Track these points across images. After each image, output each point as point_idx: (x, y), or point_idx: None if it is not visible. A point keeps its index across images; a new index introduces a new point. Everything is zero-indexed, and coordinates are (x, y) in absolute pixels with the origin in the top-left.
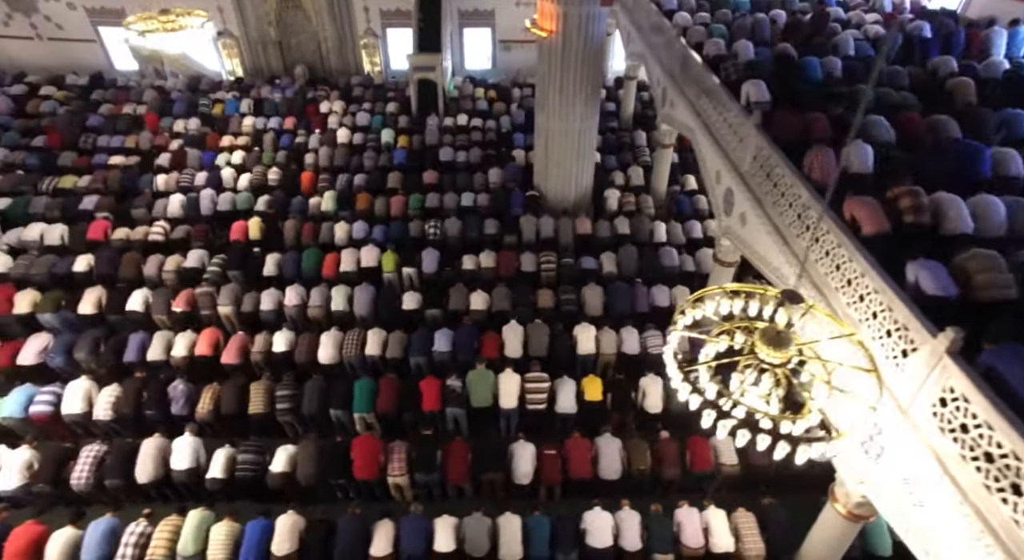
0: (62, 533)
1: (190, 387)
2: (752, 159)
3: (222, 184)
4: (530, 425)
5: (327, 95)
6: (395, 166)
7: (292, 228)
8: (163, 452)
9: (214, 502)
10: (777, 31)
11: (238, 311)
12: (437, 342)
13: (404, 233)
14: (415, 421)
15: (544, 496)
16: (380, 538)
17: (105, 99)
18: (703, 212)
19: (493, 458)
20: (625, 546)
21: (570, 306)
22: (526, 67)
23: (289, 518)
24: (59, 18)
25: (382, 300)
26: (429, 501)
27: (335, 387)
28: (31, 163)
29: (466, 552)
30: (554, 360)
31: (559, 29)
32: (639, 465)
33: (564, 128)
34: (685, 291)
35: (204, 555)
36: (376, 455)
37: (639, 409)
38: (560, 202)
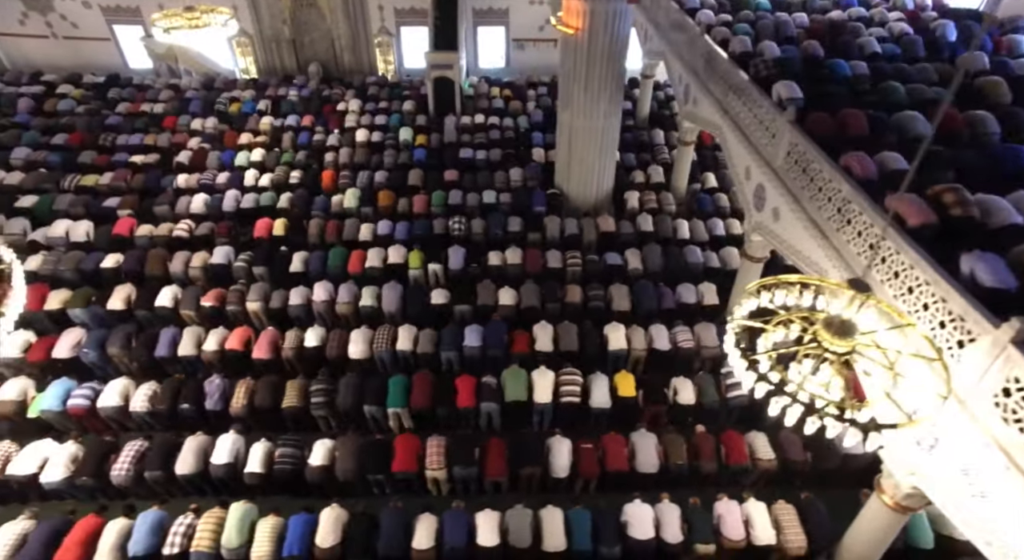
0: (115, 523)
1: (226, 382)
2: (786, 155)
3: (243, 182)
4: (563, 420)
5: (343, 94)
6: (415, 164)
7: (316, 225)
8: (205, 448)
9: (254, 496)
10: (801, 31)
11: (266, 307)
12: (468, 338)
13: (428, 230)
14: (448, 417)
15: (579, 490)
16: (422, 531)
17: (122, 98)
18: (724, 210)
19: (531, 453)
20: (666, 538)
21: (598, 302)
22: (540, 66)
23: (332, 511)
24: (74, 17)
25: (410, 296)
26: (465, 495)
27: (369, 383)
28: (53, 161)
29: (510, 544)
30: (585, 356)
31: (585, 26)
32: (676, 459)
33: (588, 125)
34: (712, 288)
35: (248, 548)
36: (415, 449)
37: (671, 404)
38: (582, 200)
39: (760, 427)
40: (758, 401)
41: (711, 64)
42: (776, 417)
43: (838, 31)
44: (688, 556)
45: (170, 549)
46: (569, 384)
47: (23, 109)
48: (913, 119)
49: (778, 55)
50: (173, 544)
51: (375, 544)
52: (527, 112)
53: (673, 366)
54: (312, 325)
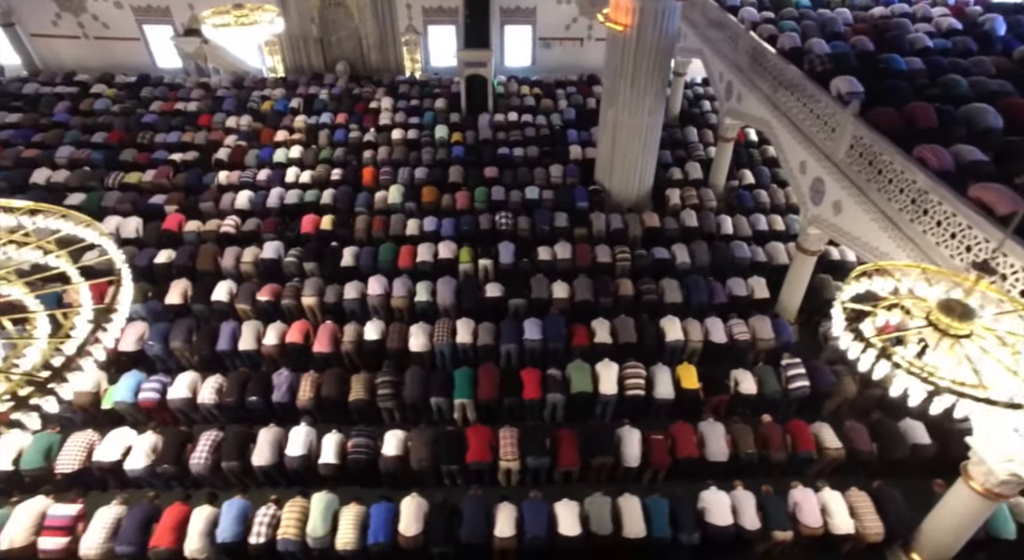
0: (202, 510)
1: (293, 375)
2: (849, 148)
3: (284, 179)
4: (626, 412)
5: (373, 92)
6: (453, 161)
7: (363, 221)
8: (278, 439)
9: (326, 487)
10: (848, 27)
11: (321, 302)
12: (528, 331)
13: (475, 226)
14: (513, 408)
15: (647, 480)
16: (503, 520)
17: (155, 97)
18: (764, 206)
19: (602, 443)
20: (744, 524)
21: (651, 295)
22: (566, 65)
23: (413, 501)
24: (106, 17)
25: (464, 290)
26: (534, 485)
27: (435, 375)
28: (96, 159)
29: (591, 532)
30: (643, 349)
31: (634, 23)
32: (746, 448)
33: (633, 122)
34: (761, 281)
35: (332, 536)
36: (488, 440)
37: (733, 395)
38: (624, 196)
39: (821, 417)
40: (819, 392)
41: (758, 60)
42: (839, 407)
43: (886, 27)
44: (765, 543)
45: (256, 539)
46: (634, 377)
47: (61, 109)
48: (983, 111)
49: (829, 51)
50: (259, 533)
51: (457, 532)
52: (559, 110)
53: (728, 358)
54: (366, 319)
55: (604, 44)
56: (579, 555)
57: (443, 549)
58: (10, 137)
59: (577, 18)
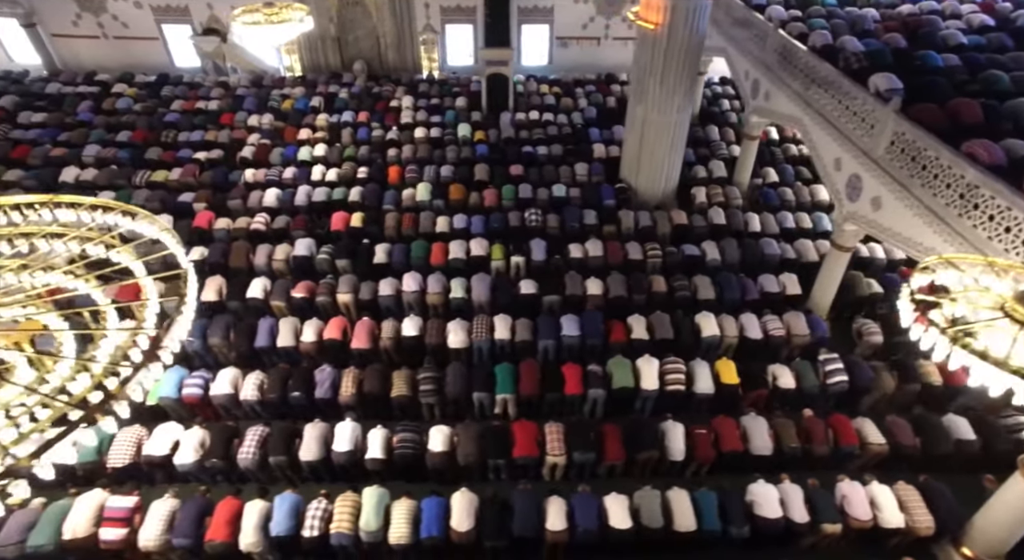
0: (255, 504)
1: (335, 372)
2: (889, 144)
3: (311, 177)
4: (666, 407)
5: (393, 91)
6: (478, 159)
7: (393, 219)
8: (324, 435)
9: (378, 482)
10: (878, 25)
11: (356, 298)
12: (566, 327)
13: (504, 223)
14: (553, 403)
15: (690, 474)
16: (554, 514)
17: (175, 96)
18: (790, 203)
19: (647, 437)
20: (793, 517)
21: (684, 291)
22: (583, 64)
23: (464, 495)
24: (125, 17)
25: (499, 287)
26: (579, 479)
27: (476, 370)
28: (122, 157)
29: (642, 525)
30: (680, 344)
31: (665, 21)
32: (789, 442)
33: (661, 120)
34: (793, 278)
35: (385, 530)
36: (534, 436)
37: (772, 389)
38: (650, 194)
39: (858, 412)
40: (857, 387)
41: (788, 58)
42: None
43: (916, 24)
44: (813, 536)
45: (310, 532)
46: (674, 372)
47: (84, 109)
48: None
49: (861, 49)
50: (313, 527)
51: (508, 526)
52: (579, 108)
53: (763, 354)
54: (400, 316)
55: (620, 43)
56: (629, 548)
57: (495, 543)
58: (37, 136)
59: (594, 17)
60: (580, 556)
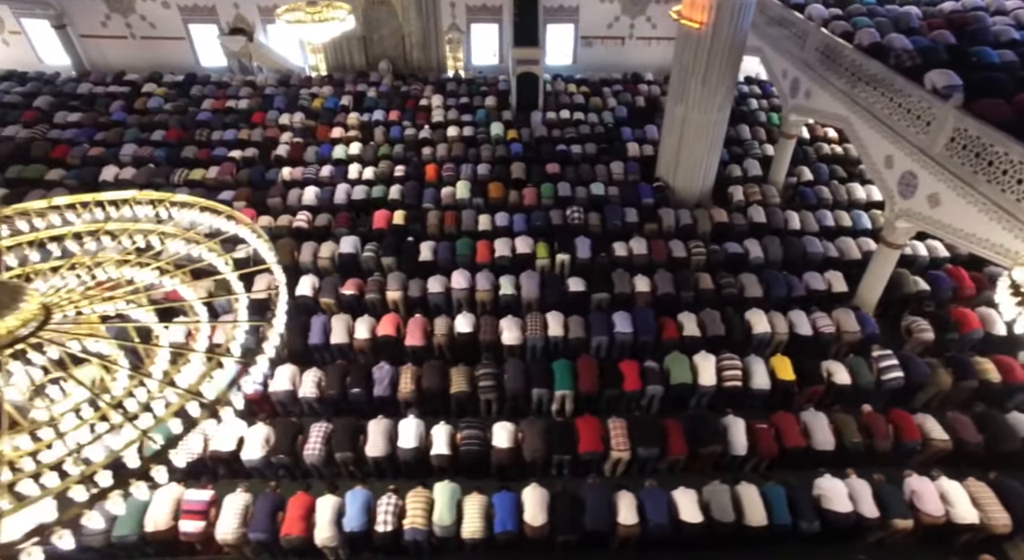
0: (327, 500)
1: (394, 368)
2: (949, 141)
3: (348, 175)
4: (721, 403)
5: (421, 89)
6: (513, 157)
7: (435, 217)
8: (389, 431)
9: (449, 477)
10: (923, 22)
11: (406, 296)
12: (618, 324)
13: (547, 222)
14: (610, 400)
15: (749, 468)
16: (625, 508)
17: (204, 95)
18: (827, 201)
19: (710, 432)
20: (863, 512)
21: (730, 289)
22: (607, 63)
23: (534, 490)
24: (153, 17)
25: (548, 284)
26: (640, 474)
27: (535, 367)
28: (159, 156)
29: (714, 520)
30: (730, 341)
31: (710, 20)
32: (851, 437)
33: (702, 119)
34: (839, 275)
35: (458, 525)
36: (598, 431)
37: (827, 385)
38: (688, 192)
39: (912, 408)
40: (913, 383)
41: (832, 57)
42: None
43: (963, 21)
44: (883, 531)
45: (383, 527)
46: (731, 368)
47: (116, 108)
48: None
49: (911, 46)
50: (386, 522)
51: (580, 520)
52: (609, 108)
53: (812, 350)
54: (449, 312)
55: (644, 43)
56: (699, 542)
57: (568, 537)
58: (74, 136)
59: (619, 17)
60: (649, 550)
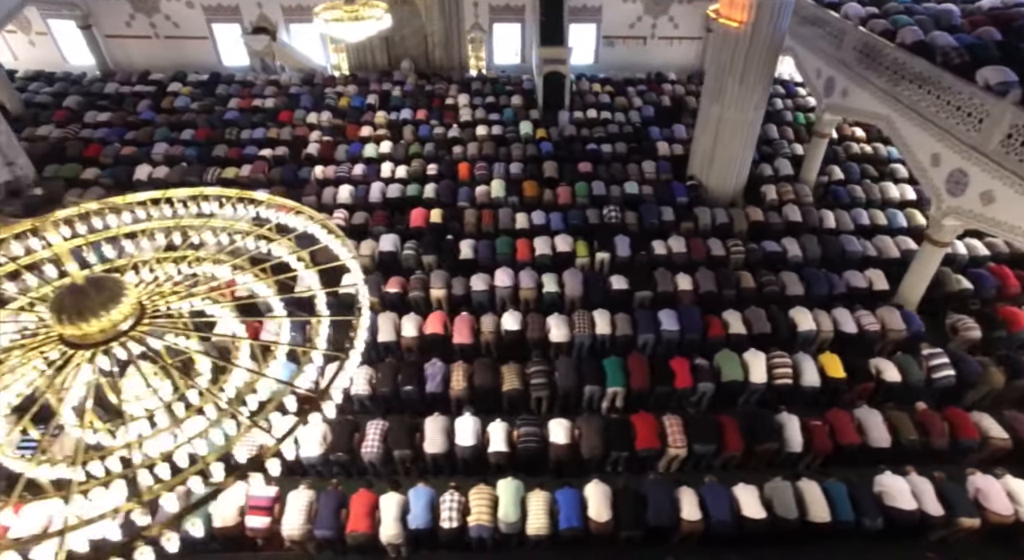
0: (390, 497)
1: (445, 366)
2: (1005, 138)
3: (380, 174)
4: (770, 400)
5: (446, 89)
6: (544, 156)
7: (473, 215)
8: (446, 428)
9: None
10: (964, 20)
11: (449, 294)
12: (664, 322)
13: (584, 220)
14: (660, 397)
15: (803, 466)
16: (687, 503)
17: (230, 94)
18: (860, 200)
19: (766, 429)
20: (927, 510)
21: (771, 287)
22: (629, 63)
23: (597, 486)
24: (177, 17)
25: (591, 282)
26: (694, 472)
27: (586, 364)
28: (190, 155)
29: (776, 516)
30: (777, 339)
31: (750, 19)
32: (907, 434)
33: (738, 118)
34: (879, 273)
35: (523, 521)
36: (655, 428)
37: (878, 382)
38: (721, 191)
39: (963, 406)
40: (964, 382)
41: (871, 56)
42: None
43: (1008, 18)
44: (947, 529)
45: (449, 524)
46: (781, 366)
47: (144, 108)
48: None
49: (956, 44)
50: (451, 519)
51: (644, 516)
52: (635, 107)
53: (857, 348)
54: (492, 310)
55: (666, 43)
56: (761, 538)
57: (632, 533)
58: (105, 136)
59: (642, 17)
60: (710, 546)
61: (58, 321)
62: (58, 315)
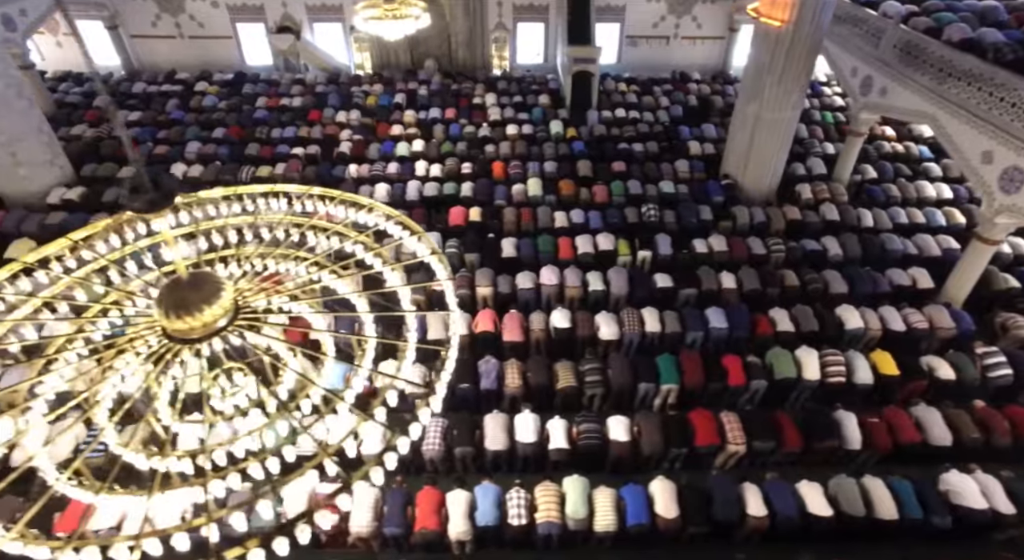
0: (457, 494)
1: (499, 363)
2: None
3: (415, 172)
4: (821, 398)
5: (472, 88)
6: (576, 155)
7: (512, 213)
8: (506, 425)
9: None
10: (1010, 16)
11: (495, 292)
12: (713, 319)
13: (622, 219)
14: (713, 394)
15: (860, 463)
16: (752, 499)
17: (257, 93)
18: (896, 199)
19: (825, 426)
20: (998, 508)
21: (816, 284)
22: (652, 62)
23: (663, 482)
24: (202, 16)
25: (636, 280)
26: (751, 468)
27: (639, 362)
28: (223, 154)
29: (843, 513)
30: (824, 337)
31: (792, 18)
32: (970, 432)
33: (776, 117)
34: (924, 272)
35: (591, 518)
36: (713, 424)
37: (931, 380)
38: (756, 190)
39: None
40: (1022, 379)
41: (914, 53)
42: None
43: None
44: (1017, 529)
45: (517, 521)
46: (834, 364)
47: (172, 107)
48: None
49: (1005, 39)
50: (520, 516)
51: (710, 512)
52: (663, 107)
53: (905, 346)
54: (537, 308)
55: (689, 43)
56: (828, 535)
57: (699, 529)
58: (138, 135)
59: (665, 16)
60: (776, 542)
61: (164, 315)
62: (166, 309)
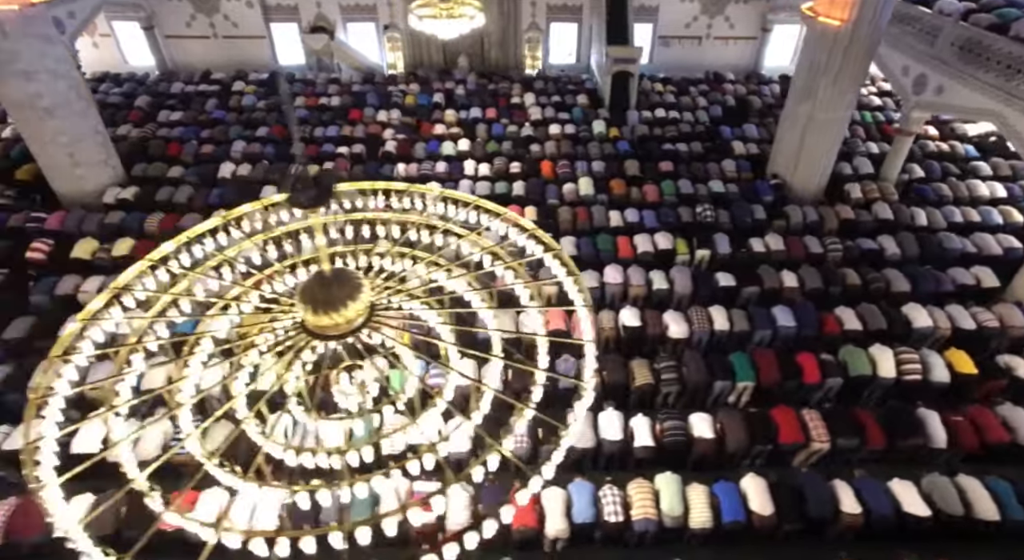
0: (553, 491)
1: (576, 361)
2: None
3: (464, 172)
4: (896, 396)
5: (509, 88)
6: (622, 155)
7: (568, 213)
8: (590, 423)
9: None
10: None
11: (559, 290)
12: (780, 318)
13: (677, 218)
14: (788, 392)
15: (943, 461)
16: (845, 496)
17: (294, 92)
18: (947, 198)
19: (909, 424)
20: None
21: (878, 283)
22: (684, 62)
23: (755, 479)
24: (236, 16)
25: (700, 279)
26: (830, 465)
27: (714, 360)
28: (269, 153)
29: (940, 512)
30: (893, 335)
31: (852, 17)
32: None
33: (829, 117)
34: (988, 271)
35: (686, 515)
36: (796, 422)
37: (1011, 380)
38: (805, 190)
39: None
40: None
41: (976, 51)
42: None
43: None
44: None
45: (615, 517)
46: (909, 361)
47: (212, 106)
48: None
49: None
50: (616, 513)
51: (804, 509)
52: (701, 107)
53: (973, 345)
54: (602, 306)
55: (721, 43)
56: (923, 535)
57: (793, 526)
58: (182, 134)
59: (698, 17)
60: (870, 540)
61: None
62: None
